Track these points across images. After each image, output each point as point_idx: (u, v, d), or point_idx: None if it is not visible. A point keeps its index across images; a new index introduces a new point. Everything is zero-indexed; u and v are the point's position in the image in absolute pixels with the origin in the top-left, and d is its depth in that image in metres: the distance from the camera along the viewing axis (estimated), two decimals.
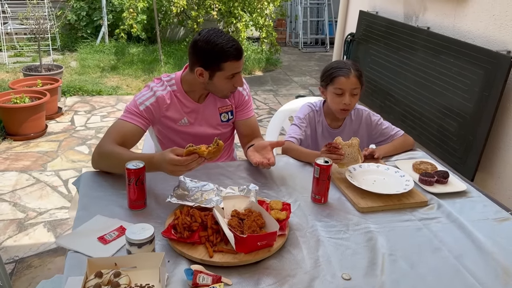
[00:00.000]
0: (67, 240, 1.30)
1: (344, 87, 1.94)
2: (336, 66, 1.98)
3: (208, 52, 1.68)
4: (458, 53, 3.15)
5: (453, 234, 1.44)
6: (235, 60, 1.71)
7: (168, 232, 1.28)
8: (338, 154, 1.70)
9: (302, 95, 5.63)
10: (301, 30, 8.49)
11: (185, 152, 1.40)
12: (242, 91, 1.98)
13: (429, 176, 1.72)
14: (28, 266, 2.39)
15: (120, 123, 1.76)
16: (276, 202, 1.44)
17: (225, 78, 1.75)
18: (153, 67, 6.23)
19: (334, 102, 1.99)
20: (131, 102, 1.81)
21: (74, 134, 4.12)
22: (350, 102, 1.95)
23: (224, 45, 1.67)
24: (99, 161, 1.68)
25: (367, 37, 4.55)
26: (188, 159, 1.40)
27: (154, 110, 1.80)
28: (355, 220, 1.48)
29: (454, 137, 3.18)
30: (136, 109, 1.77)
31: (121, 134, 1.71)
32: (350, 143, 1.72)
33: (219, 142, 1.43)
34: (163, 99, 1.81)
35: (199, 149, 1.40)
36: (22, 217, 2.82)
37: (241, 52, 1.73)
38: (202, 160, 1.43)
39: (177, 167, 1.43)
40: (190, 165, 1.42)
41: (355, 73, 1.94)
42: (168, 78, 1.87)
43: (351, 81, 1.94)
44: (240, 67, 1.75)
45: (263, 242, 1.24)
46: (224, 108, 1.95)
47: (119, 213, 1.45)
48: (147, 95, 1.80)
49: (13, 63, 6.15)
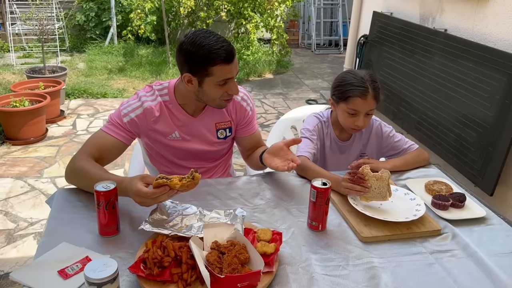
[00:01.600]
0: (22, 274, 1.14)
1: (360, 109, 1.73)
2: (353, 83, 1.73)
3: (194, 55, 1.49)
4: (477, 58, 2.93)
5: (470, 272, 1.24)
6: (224, 63, 1.49)
7: (137, 268, 1.11)
8: (363, 187, 1.47)
9: (313, 99, 5.43)
10: (314, 31, 8.27)
11: (155, 185, 1.24)
12: (245, 106, 1.77)
13: (443, 200, 1.52)
14: (12, 283, 2.26)
15: (99, 135, 1.60)
16: (264, 231, 1.25)
17: (216, 85, 1.54)
18: (161, 69, 6.10)
19: (346, 121, 1.79)
20: (116, 111, 1.64)
21: (75, 139, 4.00)
22: (363, 124, 1.76)
23: (212, 46, 1.47)
24: (70, 176, 1.54)
25: (381, 39, 4.33)
26: (156, 192, 1.24)
27: (140, 122, 1.63)
28: (356, 253, 1.29)
29: (472, 147, 2.95)
30: (119, 121, 1.61)
31: (99, 148, 1.56)
32: (379, 175, 1.48)
33: (195, 175, 1.25)
34: (151, 111, 1.63)
35: (171, 181, 1.23)
36: (12, 227, 2.69)
37: (232, 54, 1.51)
38: (174, 192, 1.25)
39: (143, 199, 1.26)
40: (159, 198, 1.25)
41: (373, 93, 1.71)
42: (160, 87, 1.68)
43: (368, 103, 1.72)
44: (232, 71, 1.54)
45: (244, 283, 1.06)
46: (222, 124, 1.75)
47: (87, 240, 1.29)
48: (134, 105, 1.63)
49: (21, 64, 6.09)
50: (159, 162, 1.81)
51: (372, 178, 1.48)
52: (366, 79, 1.73)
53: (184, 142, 1.72)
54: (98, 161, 1.53)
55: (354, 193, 1.48)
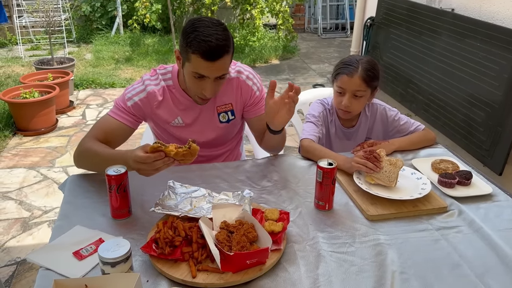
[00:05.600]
0: (39, 256, 1.18)
1: (345, 86, 1.78)
2: (344, 62, 1.81)
3: (186, 34, 1.46)
4: (485, 37, 2.90)
5: (475, 246, 1.25)
6: (202, 58, 1.43)
7: (149, 247, 1.15)
8: (376, 166, 1.50)
9: (320, 84, 5.41)
10: (320, 15, 8.19)
11: (150, 149, 1.25)
12: (251, 86, 1.72)
13: (449, 177, 1.53)
14: (29, 268, 2.32)
15: (105, 119, 1.63)
16: (272, 211, 1.28)
17: (192, 74, 1.50)
18: (167, 57, 6.11)
19: (336, 101, 1.86)
20: (121, 96, 1.66)
21: (85, 129, 4.05)
22: (349, 104, 1.79)
23: (200, 35, 1.41)
24: (78, 159, 1.58)
25: (388, 20, 4.29)
26: (151, 156, 1.24)
27: (144, 106, 1.64)
28: (362, 231, 1.31)
29: (481, 127, 2.94)
30: (123, 105, 1.63)
31: (104, 131, 1.59)
32: (394, 161, 1.51)
33: (192, 145, 1.25)
34: (154, 95, 1.64)
35: (166, 147, 1.24)
36: (27, 216, 2.76)
37: (213, 54, 1.42)
38: (170, 161, 1.26)
39: (141, 165, 1.27)
40: (155, 164, 1.25)
41: (362, 73, 1.75)
42: (163, 71, 1.68)
43: (354, 81, 1.76)
44: (208, 71, 1.46)
45: (253, 260, 1.09)
46: (222, 107, 1.72)
47: (100, 223, 1.32)
48: (138, 89, 1.64)
49: (29, 57, 6.14)
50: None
51: (386, 161, 1.51)
52: (359, 61, 1.78)
53: (188, 128, 1.71)
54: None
55: (365, 169, 1.50)
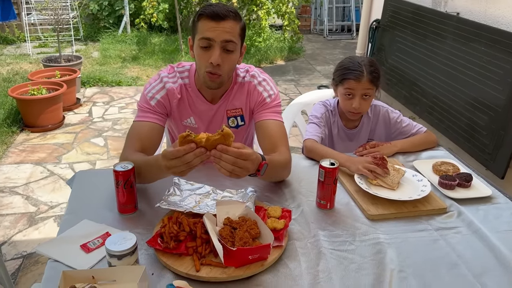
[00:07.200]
0: (47, 248, 1.21)
1: (354, 90, 1.80)
2: (348, 67, 1.82)
3: (195, 14, 1.48)
4: (490, 41, 2.91)
5: (473, 247, 1.28)
6: (208, 19, 1.43)
7: (154, 241, 1.18)
8: (384, 171, 1.55)
9: (325, 85, 5.43)
10: (326, 17, 8.22)
11: (179, 139, 1.14)
12: (262, 92, 1.66)
13: (450, 179, 1.55)
14: (35, 262, 2.37)
15: (135, 126, 1.59)
16: (274, 209, 1.31)
17: (199, 45, 1.48)
18: (174, 57, 6.16)
19: (344, 104, 1.87)
20: (141, 97, 1.64)
21: (91, 126, 4.10)
22: (359, 106, 1.82)
23: (207, 5, 1.46)
24: None
25: (393, 23, 4.31)
26: (180, 150, 1.13)
27: (165, 103, 1.63)
28: (363, 229, 1.34)
29: (484, 131, 2.96)
30: (147, 105, 1.60)
31: (139, 138, 1.54)
32: (398, 168, 1.59)
33: (224, 129, 1.13)
34: (173, 93, 1.63)
35: (196, 136, 1.13)
36: (34, 210, 2.80)
37: (219, 14, 1.42)
38: (203, 153, 1.15)
39: (172, 162, 1.15)
40: (186, 157, 1.14)
41: (369, 76, 1.78)
42: (181, 69, 1.67)
43: (362, 85, 1.79)
44: (214, 33, 1.43)
45: (255, 255, 1.12)
46: (232, 112, 1.70)
47: (107, 217, 1.36)
48: (157, 87, 1.63)
49: (37, 54, 6.20)
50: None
51: (390, 167, 1.57)
52: (362, 64, 1.80)
53: (198, 130, 1.70)
54: (143, 152, 1.51)
55: (372, 175, 1.54)
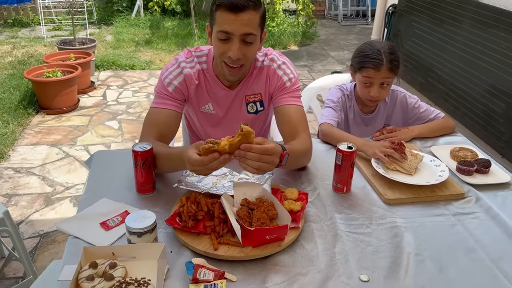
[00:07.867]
0: (67, 225, 1.24)
1: (372, 79, 1.77)
2: (367, 55, 1.76)
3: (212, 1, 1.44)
4: (509, 26, 2.85)
5: (491, 232, 1.27)
6: (227, 10, 1.37)
7: (173, 220, 1.20)
8: (403, 157, 1.54)
9: (338, 71, 5.39)
10: (341, 2, 8.11)
11: (202, 151, 1.16)
12: (281, 76, 1.61)
13: (468, 165, 1.54)
14: (52, 241, 2.41)
15: (153, 113, 1.56)
16: (291, 191, 1.32)
17: (217, 36, 1.43)
18: (187, 41, 6.14)
19: (362, 92, 1.84)
20: (158, 82, 1.62)
21: (105, 109, 4.13)
22: (378, 94, 1.79)
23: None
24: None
25: (410, 8, 4.24)
26: (204, 160, 1.16)
27: (183, 89, 1.60)
28: (379, 213, 1.34)
29: (501, 119, 2.92)
30: (165, 91, 1.58)
31: (157, 125, 1.53)
32: (416, 154, 1.58)
33: (244, 128, 1.14)
34: (191, 78, 1.59)
35: (219, 145, 1.15)
36: (50, 191, 2.85)
37: (238, 5, 1.35)
38: (227, 158, 1.17)
39: (196, 168, 1.19)
40: (211, 165, 1.17)
41: (388, 65, 1.73)
42: (199, 53, 1.62)
43: (381, 74, 1.75)
44: (233, 26, 1.39)
45: (273, 236, 1.13)
46: (251, 97, 1.66)
47: (126, 196, 1.38)
48: (174, 72, 1.59)
49: (51, 37, 6.23)
50: (192, 131, 1.87)
51: (408, 152, 1.56)
52: (382, 51, 1.74)
53: (216, 116, 1.69)
54: (161, 139, 1.50)
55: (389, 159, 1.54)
